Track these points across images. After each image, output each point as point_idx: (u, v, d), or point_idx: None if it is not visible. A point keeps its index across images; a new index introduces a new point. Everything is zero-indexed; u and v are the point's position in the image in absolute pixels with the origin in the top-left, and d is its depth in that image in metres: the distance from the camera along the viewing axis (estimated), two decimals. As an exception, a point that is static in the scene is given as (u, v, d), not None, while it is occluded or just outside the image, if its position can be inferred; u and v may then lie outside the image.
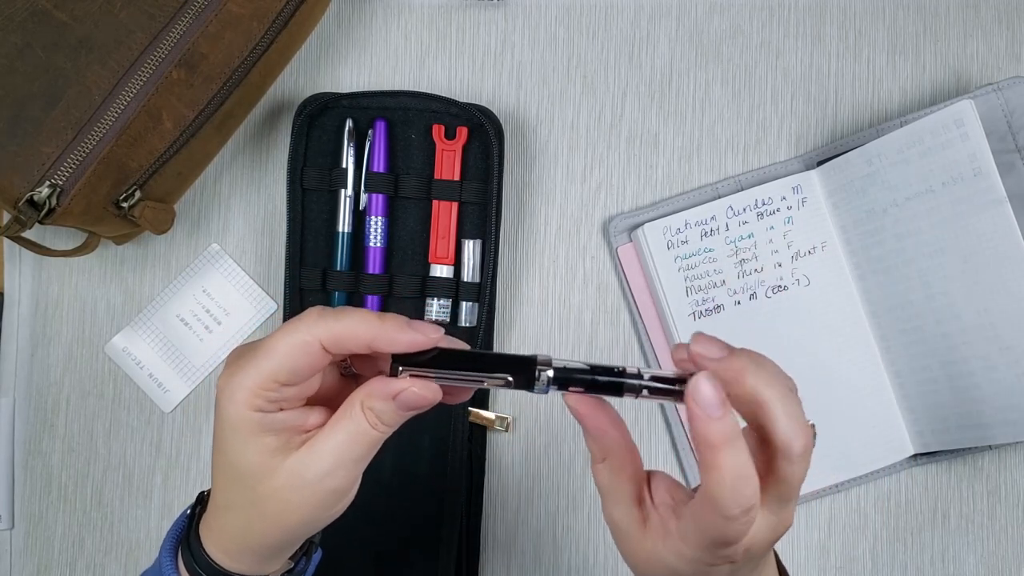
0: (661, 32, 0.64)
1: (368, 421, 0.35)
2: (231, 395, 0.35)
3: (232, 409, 0.35)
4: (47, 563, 0.63)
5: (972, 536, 0.63)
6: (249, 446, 0.35)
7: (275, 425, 0.35)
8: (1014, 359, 0.57)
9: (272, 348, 0.34)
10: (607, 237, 0.64)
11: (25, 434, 0.63)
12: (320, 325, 0.34)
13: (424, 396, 0.35)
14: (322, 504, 0.36)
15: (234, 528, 0.37)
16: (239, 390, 0.34)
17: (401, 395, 0.35)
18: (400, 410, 0.35)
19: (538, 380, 0.35)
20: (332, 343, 0.34)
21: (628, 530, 0.37)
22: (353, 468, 0.36)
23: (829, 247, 0.62)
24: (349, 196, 0.61)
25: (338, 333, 0.34)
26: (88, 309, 0.64)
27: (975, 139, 0.55)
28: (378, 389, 0.35)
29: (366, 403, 0.35)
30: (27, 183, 0.51)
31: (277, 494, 0.35)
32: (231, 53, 0.55)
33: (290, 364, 0.34)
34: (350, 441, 0.35)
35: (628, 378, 0.35)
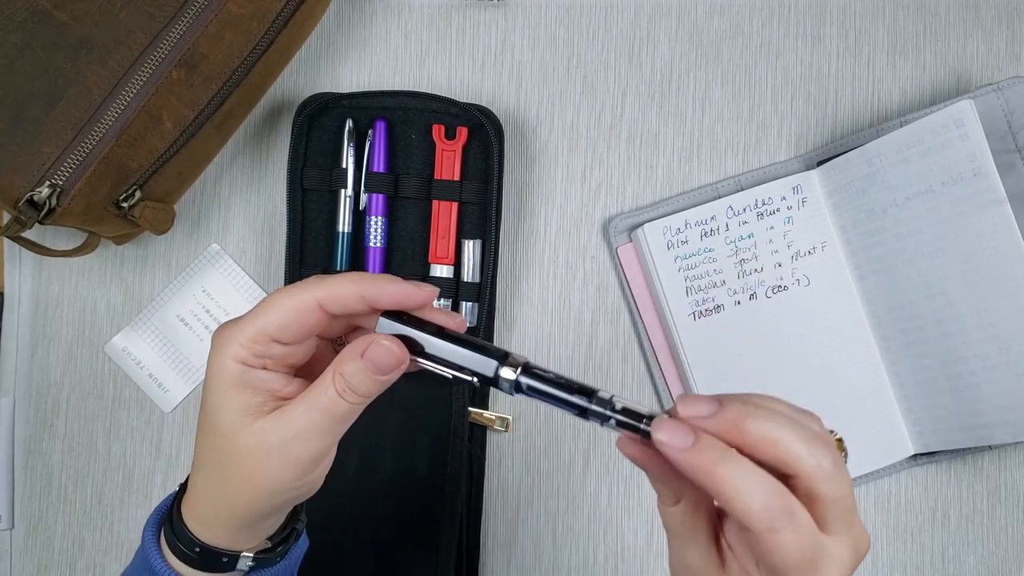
0: (661, 32, 0.64)
1: (337, 389, 0.35)
2: (219, 346, 0.35)
3: (217, 359, 0.35)
4: (47, 563, 0.63)
5: (972, 536, 0.63)
6: (226, 400, 0.35)
7: (255, 382, 0.35)
8: (1014, 359, 0.57)
9: (268, 303, 0.35)
10: (607, 237, 0.64)
11: (25, 434, 0.63)
12: (317, 285, 0.35)
13: (391, 350, 0.35)
14: (285, 473, 0.36)
15: (206, 491, 0.38)
16: (227, 342, 0.35)
17: (368, 351, 0.35)
18: (369, 371, 0.35)
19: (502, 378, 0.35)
20: (328, 300, 0.35)
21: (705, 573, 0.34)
22: (319, 439, 0.35)
23: (829, 247, 0.62)
24: (349, 196, 0.61)
25: (333, 290, 0.35)
26: (88, 309, 0.64)
27: (975, 139, 0.55)
28: (348, 351, 0.35)
29: (337, 370, 0.35)
30: (27, 183, 0.51)
31: (242, 456, 0.35)
32: (231, 53, 0.55)
33: (282, 319, 0.35)
34: (318, 410, 0.35)
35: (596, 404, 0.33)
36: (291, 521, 0.42)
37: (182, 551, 0.38)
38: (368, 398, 0.36)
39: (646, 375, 0.64)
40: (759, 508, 0.30)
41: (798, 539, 0.30)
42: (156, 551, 0.39)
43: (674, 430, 0.31)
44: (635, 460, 0.34)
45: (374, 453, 0.60)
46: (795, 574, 0.31)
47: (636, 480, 0.63)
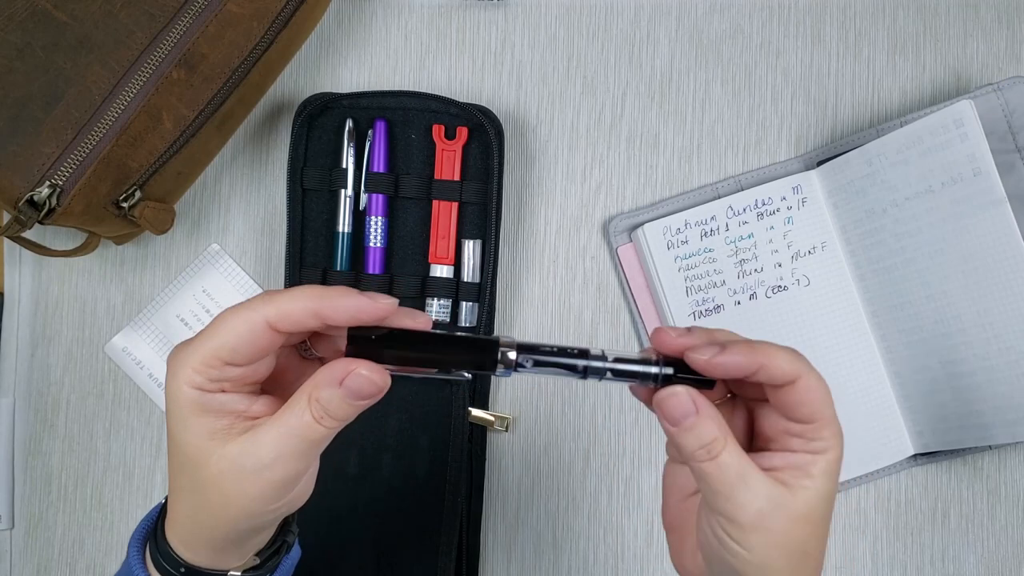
0: (661, 32, 0.64)
1: (313, 414, 0.34)
2: (174, 371, 0.34)
3: (173, 385, 0.34)
4: (47, 563, 0.63)
5: (972, 536, 0.63)
6: (189, 427, 0.34)
7: (214, 406, 0.34)
8: (1014, 359, 0.57)
9: (216, 326, 0.34)
10: (607, 237, 0.64)
11: (25, 434, 0.63)
12: (266, 303, 0.33)
13: (372, 380, 0.34)
14: (264, 496, 0.35)
15: (184, 515, 0.37)
16: (181, 367, 0.34)
17: (347, 380, 0.33)
18: (348, 399, 0.34)
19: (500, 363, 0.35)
20: (278, 319, 0.33)
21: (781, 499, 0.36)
22: (296, 462, 0.34)
23: (829, 247, 0.62)
24: (349, 196, 0.61)
25: (284, 308, 0.33)
26: (88, 309, 0.64)
27: (975, 139, 0.55)
28: (324, 376, 0.34)
29: (313, 394, 0.34)
30: (27, 183, 0.51)
31: (217, 482, 0.34)
32: (231, 53, 0.55)
33: (233, 341, 0.33)
34: (293, 435, 0.34)
35: (593, 360, 0.36)
36: (281, 533, 0.41)
37: (167, 570, 0.37)
38: (347, 421, 0.35)
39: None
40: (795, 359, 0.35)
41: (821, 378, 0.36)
42: (141, 568, 0.38)
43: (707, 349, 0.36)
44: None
45: (374, 453, 0.60)
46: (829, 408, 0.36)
47: (636, 480, 0.63)
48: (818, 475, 0.36)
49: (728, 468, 0.35)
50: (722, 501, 0.35)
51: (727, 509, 0.35)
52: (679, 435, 0.36)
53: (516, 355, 0.35)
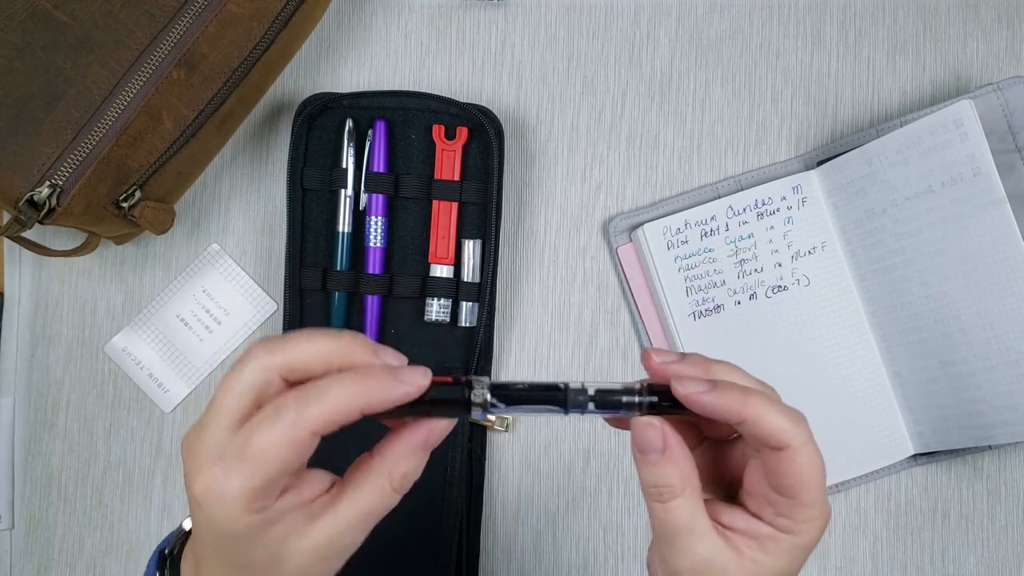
0: (661, 32, 0.64)
1: (394, 486, 0.33)
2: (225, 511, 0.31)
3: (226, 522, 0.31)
4: (47, 563, 0.63)
5: (972, 536, 0.63)
6: (256, 547, 0.32)
7: (278, 516, 0.32)
8: (1014, 359, 0.57)
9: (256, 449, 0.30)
10: (607, 237, 0.64)
11: (25, 434, 0.63)
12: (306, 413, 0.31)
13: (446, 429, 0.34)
14: (336, 568, 0.34)
15: None
16: (233, 503, 0.31)
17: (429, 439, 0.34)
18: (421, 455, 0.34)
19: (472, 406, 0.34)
20: (325, 429, 0.31)
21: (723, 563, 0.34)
22: (366, 532, 0.34)
23: (829, 247, 0.62)
24: (349, 196, 0.61)
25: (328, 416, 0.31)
26: (88, 309, 0.64)
27: (975, 139, 0.55)
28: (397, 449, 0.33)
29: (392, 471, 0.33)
30: (27, 183, 0.51)
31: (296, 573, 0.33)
32: (231, 53, 0.55)
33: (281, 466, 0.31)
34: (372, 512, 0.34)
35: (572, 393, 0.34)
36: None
37: None
38: None
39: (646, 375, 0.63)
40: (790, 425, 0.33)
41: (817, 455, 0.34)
42: None
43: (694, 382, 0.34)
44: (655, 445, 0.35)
45: (374, 453, 0.60)
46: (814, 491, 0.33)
47: (636, 480, 0.63)
48: (774, 553, 0.34)
49: (675, 516, 0.34)
50: (662, 543, 0.35)
51: (664, 552, 0.35)
52: (640, 465, 0.34)
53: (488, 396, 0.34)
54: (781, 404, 0.34)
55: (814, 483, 0.34)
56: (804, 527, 0.34)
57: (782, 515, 0.34)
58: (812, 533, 0.34)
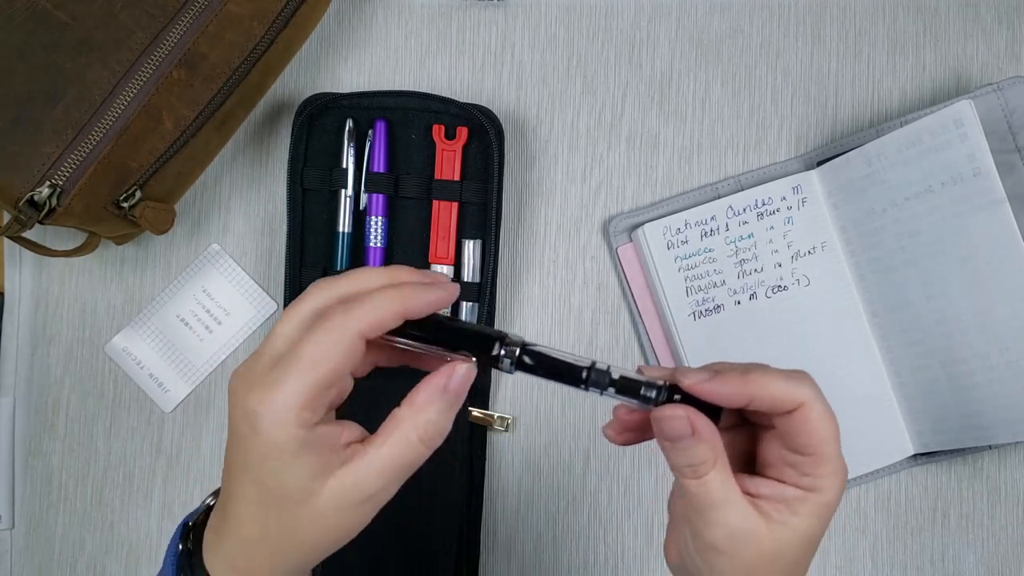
0: (661, 32, 0.64)
1: (419, 436, 0.34)
2: (276, 416, 0.32)
3: (272, 429, 0.32)
4: (47, 563, 0.63)
5: (972, 536, 0.63)
6: (292, 469, 0.33)
7: (319, 442, 0.33)
8: (1014, 359, 0.57)
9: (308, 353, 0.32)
10: (607, 237, 0.64)
11: (25, 434, 0.63)
12: (353, 316, 0.32)
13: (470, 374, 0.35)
14: (359, 524, 0.35)
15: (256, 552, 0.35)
16: (286, 409, 0.32)
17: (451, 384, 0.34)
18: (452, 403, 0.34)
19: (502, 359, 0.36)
20: (371, 330, 0.33)
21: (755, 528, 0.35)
22: (395, 488, 0.34)
23: (829, 247, 0.62)
24: (349, 196, 0.61)
25: (375, 318, 0.33)
26: (88, 309, 0.64)
27: (974, 139, 0.55)
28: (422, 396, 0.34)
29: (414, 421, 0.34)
30: (27, 183, 0.51)
31: (320, 518, 0.34)
32: (231, 53, 0.55)
33: (332, 369, 0.32)
34: (398, 462, 0.34)
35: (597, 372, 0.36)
36: None
37: None
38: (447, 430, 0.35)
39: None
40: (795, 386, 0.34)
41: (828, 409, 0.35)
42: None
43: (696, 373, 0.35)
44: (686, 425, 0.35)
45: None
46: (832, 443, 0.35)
47: (636, 480, 0.63)
48: (803, 514, 0.35)
49: (710, 489, 0.35)
50: (696, 517, 0.35)
51: (699, 526, 0.35)
52: (672, 450, 0.35)
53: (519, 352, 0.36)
54: (780, 370, 0.35)
55: (830, 435, 0.35)
56: (826, 483, 0.35)
57: (805, 474, 0.35)
58: (834, 489, 0.36)
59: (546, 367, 0.36)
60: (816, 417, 0.34)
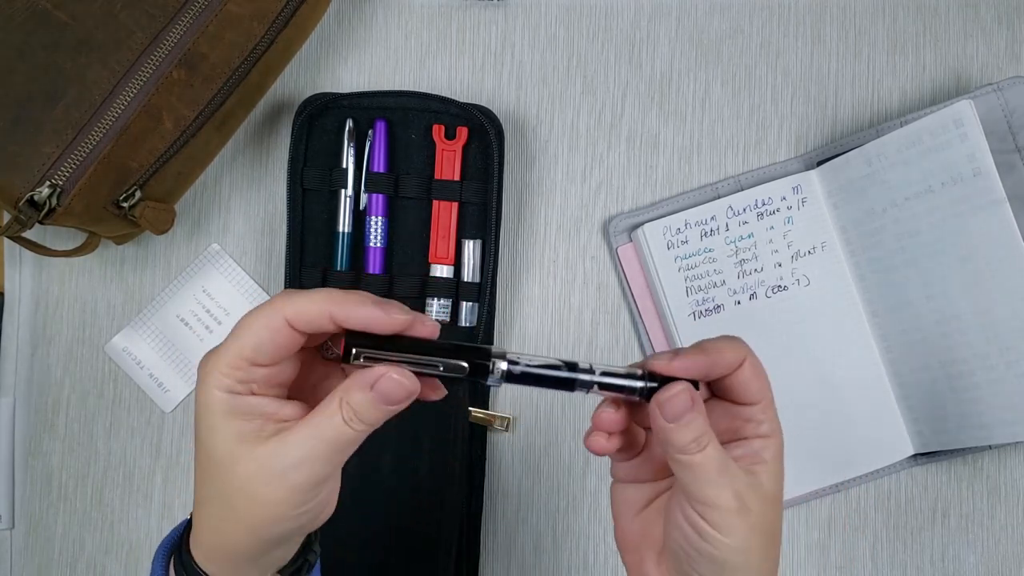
0: (661, 32, 0.64)
1: (343, 416, 0.35)
2: (203, 378, 0.35)
3: (203, 391, 0.35)
4: (47, 563, 0.63)
5: (972, 536, 0.63)
6: (220, 431, 0.35)
7: (245, 409, 0.35)
8: (1014, 359, 0.57)
9: (238, 328, 0.35)
10: (607, 237, 0.64)
11: (25, 434, 0.63)
12: (284, 302, 0.35)
13: (402, 384, 0.35)
14: (289, 500, 0.35)
15: (208, 525, 0.37)
16: (211, 372, 0.35)
17: (378, 384, 0.34)
18: (379, 403, 0.35)
19: (492, 372, 0.36)
20: (295, 316, 0.35)
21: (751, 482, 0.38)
22: (323, 466, 0.35)
23: (829, 247, 0.62)
24: (349, 196, 0.61)
25: (301, 308, 0.35)
26: (88, 309, 0.64)
27: (974, 139, 0.55)
28: (356, 381, 0.35)
29: (344, 397, 0.35)
30: (27, 183, 0.51)
31: (245, 485, 0.35)
32: (231, 53, 0.55)
33: (255, 340, 0.34)
34: (321, 437, 0.35)
35: (582, 373, 0.37)
36: (303, 552, 0.41)
37: None
38: (375, 426, 0.35)
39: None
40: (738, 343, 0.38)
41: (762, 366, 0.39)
42: None
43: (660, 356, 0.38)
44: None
45: (374, 453, 0.60)
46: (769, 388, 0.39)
47: (636, 480, 0.63)
48: (771, 459, 0.39)
49: (713, 458, 0.37)
50: (707, 488, 0.37)
51: (711, 495, 0.37)
52: (676, 431, 0.37)
53: (506, 366, 0.36)
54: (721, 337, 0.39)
55: (768, 384, 0.39)
56: (776, 426, 0.39)
57: (761, 422, 0.39)
58: (781, 433, 0.39)
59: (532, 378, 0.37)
60: (757, 365, 0.38)
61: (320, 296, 0.35)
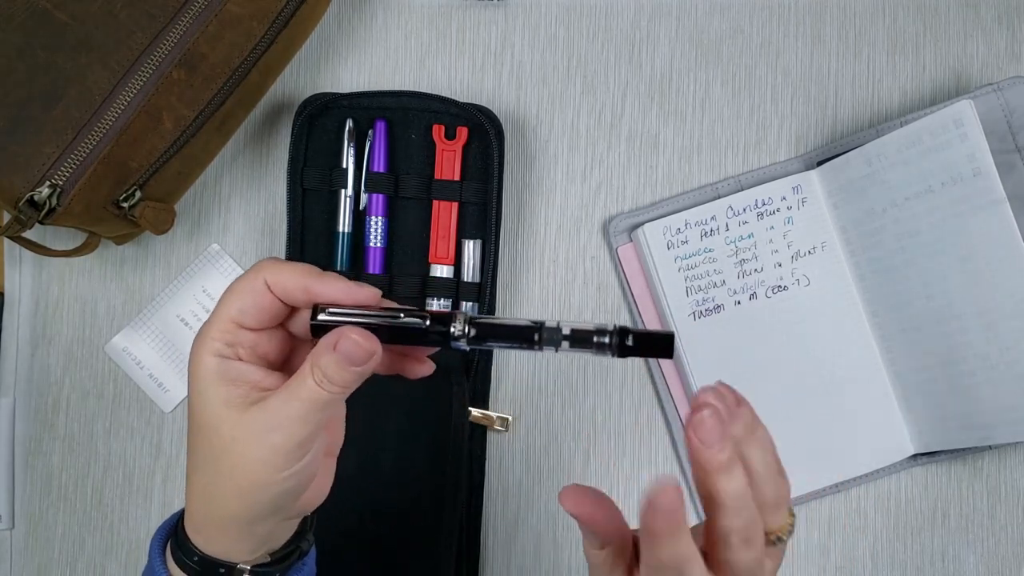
0: (661, 32, 0.64)
1: (314, 378, 0.36)
2: (196, 344, 0.37)
3: (196, 356, 0.37)
4: (47, 563, 0.63)
5: (972, 536, 0.63)
6: (208, 396, 0.36)
7: (232, 374, 0.36)
8: (1014, 359, 0.57)
9: (224, 295, 0.37)
10: (607, 237, 0.64)
11: (25, 434, 0.63)
12: (267, 268, 0.37)
13: (360, 343, 0.36)
14: (272, 462, 0.36)
15: (198, 493, 0.38)
16: (203, 338, 0.37)
17: (339, 344, 0.36)
18: (344, 363, 0.36)
19: (453, 333, 0.36)
20: (275, 284, 0.37)
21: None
22: (301, 427, 0.36)
23: (829, 247, 0.62)
24: (349, 196, 0.61)
25: (280, 275, 0.37)
26: (88, 309, 0.64)
27: (974, 139, 0.55)
28: (322, 343, 0.36)
29: (313, 361, 0.36)
30: (27, 183, 0.51)
31: (229, 447, 0.36)
32: (231, 53, 0.55)
33: (239, 303, 0.37)
34: (297, 398, 0.36)
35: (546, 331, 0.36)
36: (296, 540, 0.42)
37: (183, 561, 0.39)
38: (346, 388, 0.36)
39: (646, 375, 0.64)
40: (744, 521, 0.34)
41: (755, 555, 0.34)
42: (161, 563, 0.39)
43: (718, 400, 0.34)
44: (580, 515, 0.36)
45: (374, 452, 0.60)
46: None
47: (636, 480, 0.63)
48: None
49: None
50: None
51: None
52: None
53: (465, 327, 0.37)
54: None
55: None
56: None
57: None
58: None
59: (497, 335, 0.37)
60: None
61: (299, 268, 0.37)
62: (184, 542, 0.39)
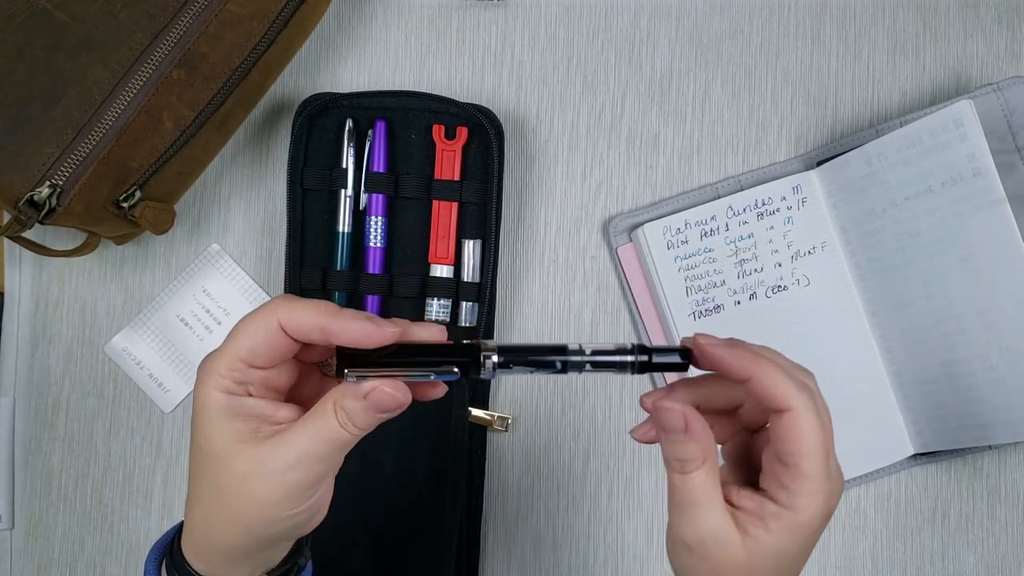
0: (661, 32, 0.64)
1: (338, 420, 0.35)
2: (202, 379, 0.36)
3: (202, 391, 0.35)
4: (47, 563, 0.63)
5: (972, 536, 0.63)
6: (216, 429, 0.35)
7: (243, 410, 0.35)
8: (1014, 359, 0.57)
9: (235, 331, 0.36)
10: (607, 237, 0.64)
11: (25, 434, 0.63)
12: (281, 307, 0.35)
13: (395, 396, 0.35)
14: (285, 499, 0.35)
15: (201, 523, 0.37)
16: (209, 374, 0.35)
17: (371, 395, 0.35)
18: (371, 411, 0.35)
19: (484, 367, 0.36)
20: (288, 323, 0.35)
21: (727, 537, 0.35)
22: (318, 466, 0.35)
23: (829, 247, 0.62)
24: (349, 196, 0.61)
25: (294, 315, 0.35)
26: (88, 309, 0.64)
27: (974, 139, 0.55)
28: (350, 388, 0.35)
29: (338, 402, 0.35)
30: (27, 183, 0.51)
31: (240, 483, 0.35)
32: (231, 53, 0.55)
33: (250, 343, 0.35)
34: (317, 437, 0.35)
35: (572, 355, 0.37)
36: (293, 556, 0.41)
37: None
38: (368, 430, 0.36)
39: (646, 375, 0.64)
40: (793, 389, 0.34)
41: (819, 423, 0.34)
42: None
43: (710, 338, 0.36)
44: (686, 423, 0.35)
45: (374, 453, 0.60)
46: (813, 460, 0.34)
47: (636, 480, 0.63)
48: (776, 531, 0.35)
49: (692, 487, 0.35)
50: (675, 511, 0.36)
51: (675, 521, 0.36)
52: (664, 442, 0.36)
53: (497, 358, 0.36)
54: (790, 371, 0.35)
55: (813, 451, 0.34)
56: (802, 501, 0.34)
57: (784, 486, 0.34)
58: (811, 509, 0.34)
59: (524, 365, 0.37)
60: (801, 426, 0.34)
61: (315, 307, 0.35)
62: (181, 563, 0.38)
